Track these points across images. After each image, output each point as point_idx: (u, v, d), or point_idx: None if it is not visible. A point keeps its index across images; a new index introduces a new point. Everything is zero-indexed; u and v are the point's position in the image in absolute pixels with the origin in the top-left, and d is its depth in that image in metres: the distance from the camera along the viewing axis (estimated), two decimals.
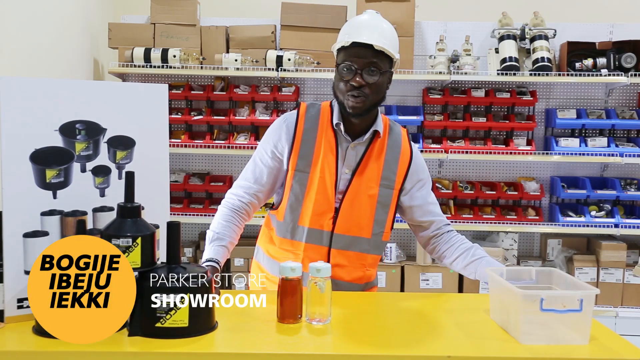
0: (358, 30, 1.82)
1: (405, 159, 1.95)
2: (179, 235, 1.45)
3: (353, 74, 1.80)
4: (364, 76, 1.79)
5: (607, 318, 4.05)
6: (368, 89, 1.80)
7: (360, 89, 1.80)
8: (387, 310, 1.70)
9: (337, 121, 1.89)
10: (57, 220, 1.51)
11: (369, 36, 1.79)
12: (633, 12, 4.51)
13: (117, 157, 1.58)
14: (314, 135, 1.91)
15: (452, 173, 4.46)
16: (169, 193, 1.70)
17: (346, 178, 1.90)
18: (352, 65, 1.79)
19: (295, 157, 1.90)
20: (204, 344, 1.37)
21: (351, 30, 1.83)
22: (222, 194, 4.93)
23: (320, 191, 1.88)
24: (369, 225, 1.92)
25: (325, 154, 1.89)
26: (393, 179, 1.93)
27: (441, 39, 4.18)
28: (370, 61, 1.79)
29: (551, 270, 1.63)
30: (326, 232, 1.90)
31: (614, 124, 4.14)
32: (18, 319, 1.46)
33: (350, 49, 1.81)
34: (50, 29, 3.64)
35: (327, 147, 1.89)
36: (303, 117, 1.93)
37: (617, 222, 4.06)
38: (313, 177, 1.89)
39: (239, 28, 4.20)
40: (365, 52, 1.79)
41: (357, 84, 1.79)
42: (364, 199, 1.90)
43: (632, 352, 1.36)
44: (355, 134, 1.91)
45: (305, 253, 1.90)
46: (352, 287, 1.95)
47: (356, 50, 1.80)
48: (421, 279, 4.10)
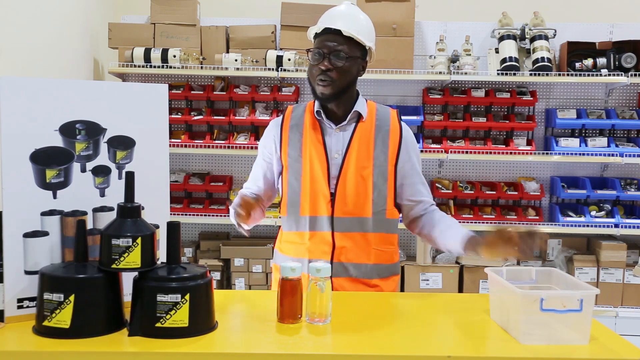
0: (331, 18, 1.92)
1: (395, 137, 1.99)
2: (179, 235, 1.45)
3: (321, 59, 1.88)
4: (331, 60, 1.87)
5: (607, 318, 4.05)
6: (335, 72, 1.88)
7: (327, 72, 1.87)
8: (387, 310, 1.71)
9: (317, 109, 1.97)
10: (57, 220, 1.51)
11: (340, 23, 1.88)
12: (633, 12, 4.51)
13: (117, 157, 1.58)
14: (300, 129, 2.00)
15: (452, 173, 4.46)
16: (169, 193, 1.70)
17: (337, 162, 1.96)
18: (321, 50, 1.89)
19: (286, 152, 1.99)
20: (204, 344, 1.37)
21: (325, 18, 1.94)
22: (222, 194, 4.90)
23: (313, 179, 1.95)
24: (368, 205, 1.95)
25: (312, 142, 1.96)
26: (385, 157, 1.97)
27: (441, 39, 4.18)
28: (338, 46, 1.88)
29: (551, 270, 1.63)
30: (326, 217, 1.95)
31: (614, 124, 4.14)
32: (18, 319, 1.46)
33: (322, 35, 1.91)
34: (50, 29, 3.64)
35: (313, 136, 1.97)
36: (289, 117, 2.03)
37: (617, 222, 4.06)
38: (305, 167, 1.96)
39: (239, 28, 4.20)
40: (334, 38, 1.88)
41: (325, 68, 1.87)
42: (358, 179, 1.94)
43: (632, 352, 1.36)
44: (338, 119, 1.99)
45: (311, 241, 1.96)
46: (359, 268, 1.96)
47: (326, 37, 1.90)
48: (421, 279, 4.10)
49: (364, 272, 1.96)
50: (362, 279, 1.97)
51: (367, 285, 1.97)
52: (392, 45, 4.03)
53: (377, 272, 1.99)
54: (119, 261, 1.38)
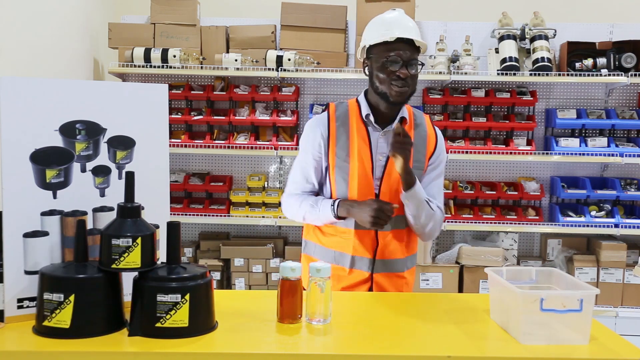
0: (398, 26, 1.99)
1: (432, 142, 2.11)
2: (179, 235, 1.45)
3: (399, 66, 1.96)
4: (408, 68, 1.97)
5: (607, 318, 4.04)
6: (410, 79, 1.98)
7: (405, 79, 1.96)
8: (387, 310, 1.70)
9: (366, 112, 2.05)
10: (57, 220, 1.51)
11: (409, 32, 1.98)
12: (633, 12, 4.51)
13: (117, 157, 1.58)
14: (347, 129, 2.06)
15: (452, 173, 4.46)
16: (169, 193, 1.70)
17: (381, 164, 2.05)
18: (398, 58, 1.96)
19: (334, 152, 2.05)
20: (204, 344, 1.37)
21: (390, 26, 1.99)
22: (222, 194, 4.88)
23: (361, 179, 2.02)
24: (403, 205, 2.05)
25: (360, 144, 2.04)
26: (423, 160, 2.08)
27: (441, 39, 4.18)
28: (412, 55, 1.98)
29: (551, 270, 1.63)
30: None
31: (614, 124, 4.14)
32: (18, 319, 1.47)
33: (394, 43, 1.97)
34: (50, 29, 3.64)
35: (360, 138, 2.04)
36: (334, 115, 2.09)
37: (617, 222, 4.06)
38: (353, 168, 2.03)
39: (239, 28, 4.20)
40: (408, 47, 1.98)
41: (404, 76, 1.96)
42: (399, 181, 2.01)
43: (632, 352, 1.37)
44: (384, 122, 2.07)
45: (355, 237, 2.04)
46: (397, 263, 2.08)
47: (400, 45, 1.97)
48: (421, 279, 4.10)
49: (400, 266, 2.08)
50: (398, 272, 2.08)
51: (400, 277, 2.10)
52: None
53: (408, 264, 2.12)
54: (119, 261, 1.38)
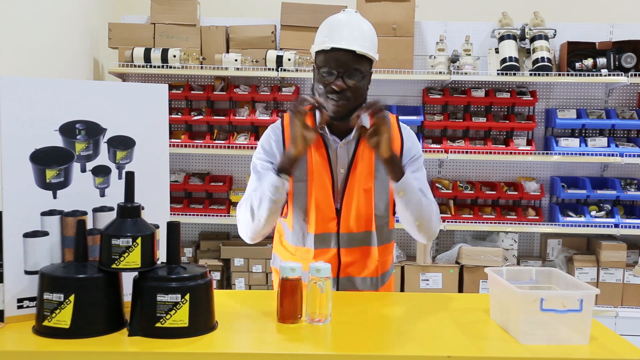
0: (339, 32, 1.78)
1: (397, 142, 1.91)
2: (179, 235, 1.45)
3: (334, 78, 1.77)
4: (345, 80, 1.76)
5: (607, 318, 4.04)
6: (350, 92, 1.78)
7: (342, 92, 1.77)
8: (387, 310, 1.70)
9: (321, 124, 1.85)
10: (57, 220, 1.51)
11: (349, 40, 1.76)
12: (633, 12, 4.51)
13: (117, 157, 1.58)
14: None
15: (452, 173, 4.46)
16: (169, 193, 1.70)
17: (342, 178, 1.90)
18: (333, 71, 1.77)
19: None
20: (204, 344, 1.37)
21: (331, 32, 1.80)
22: (222, 194, 4.89)
23: (320, 197, 1.88)
24: (370, 219, 1.91)
25: (317, 159, 1.87)
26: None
27: (441, 39, 4.18)
28: (351, 66, 1.76)
29: (551, 270, 1.63)
30: (333, 233, 1.90)
31: (614, 124, 4.14)
32: (18, 319, 1.46)
33: (331, 52, 1.77)
34: (50, 29, 3.64)
35: (317, 152, 1.87)
36: (288, 128, 1.87)
37: (617, 222, 4.06)
38: (311, 185, 1.88)
39: (239, 28, 4.20)
40: (346, 56, 1.76)
41: (339, 88, 1.76)
42: (361, 194, 1.89)
43: (632, 352, 1.36)
44: (342, 132, 1.88)
45: (316, 258, 1.88)
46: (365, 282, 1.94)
47: (337, 54, 1.76)
48: (421, 279, 4.10)
49: (370, 284, 1.95)
50: (369, 290, 1.95)
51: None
52: (392, 45, 4.03)
53: (382, 281, 1.99)
54: (119, 261, 1.38)
